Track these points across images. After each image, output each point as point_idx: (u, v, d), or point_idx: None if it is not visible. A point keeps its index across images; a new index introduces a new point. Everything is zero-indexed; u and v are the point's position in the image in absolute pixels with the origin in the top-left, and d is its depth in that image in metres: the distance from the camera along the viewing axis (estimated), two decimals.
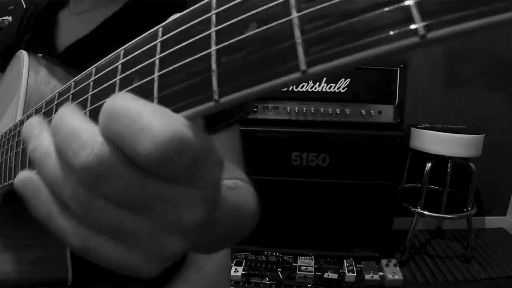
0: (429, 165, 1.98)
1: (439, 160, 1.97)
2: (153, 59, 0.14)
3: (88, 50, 0.52)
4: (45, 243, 0.42)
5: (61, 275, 0.42)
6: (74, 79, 0.22)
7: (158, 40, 0.14)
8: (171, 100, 0.14)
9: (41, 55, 0.45)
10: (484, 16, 0.10)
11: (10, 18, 2.14)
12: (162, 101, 0.14)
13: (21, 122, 0.32)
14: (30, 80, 0.39)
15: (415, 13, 0.11)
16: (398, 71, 1.90)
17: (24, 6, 2.10)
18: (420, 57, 2.28)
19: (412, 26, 0.11)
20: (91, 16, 0.55)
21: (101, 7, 0.55)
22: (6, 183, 0.35)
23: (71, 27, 0.57)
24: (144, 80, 0.14)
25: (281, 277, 1.75)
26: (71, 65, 0.44)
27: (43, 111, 0.26)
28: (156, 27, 0.15)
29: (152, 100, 0.14)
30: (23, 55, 0.41)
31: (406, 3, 0.11)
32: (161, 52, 0.14)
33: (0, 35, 0.69)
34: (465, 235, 2.23)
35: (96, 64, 0.19)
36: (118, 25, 0.52)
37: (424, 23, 0.11)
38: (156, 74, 0.14)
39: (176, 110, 0.14)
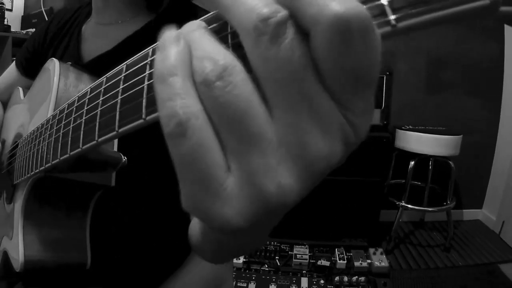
0: (412, 163, 1.99)
1: (422, 159, 1.98)
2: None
3: (110, 64, 0.51)
4: (67, 229, 0.43)
5: (80, 260, 0.42)
6: (105, 76, 0.23)
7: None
8: None
9: (70, 62, 0.45)
10: (440, 10, 0.12)
11: (33, 30, 2.15)
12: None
13: (53, 117, 0.33)
14: (60, 83, 0.40)
15: (388, 10, 0.13)
16: (384, 77, 1.92)
17: (47, 19, 2.11)
18: (404, 64, 2.29)
19: (386, 19, 0.13)
20: (114, 30, 0.54)
21: (123, 21, 0.54)
22: (37, 170, 0.36)
23: (95, 40, 0.56)
24: None
25: (279, 264, 1.76)
26: (95, 75, 0.45)
27: (75, 105, 0.27)
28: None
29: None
30: (55, 62, 0.42)
31: (380, 1, 0.13)
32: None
33: (26, 43, 0.69)
34: (445, 226, 2.24)
35: (126, 61, 0.20)
36: (140, 43, 0.51)
37: (394, 16, 0.13)
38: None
39: None
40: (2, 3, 2.07)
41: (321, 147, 0.14)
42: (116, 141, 0.41)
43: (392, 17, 0.13)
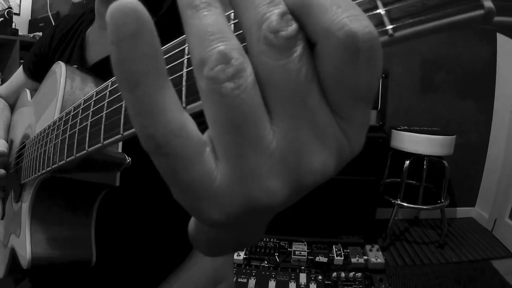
0: (407, 162, 1.99)
1: (416, 158, 1.98)
2: (182, 59, 0.15)
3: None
4: (73, 227, 0.43)
5: (85, 257, 0.43)
6: (111, 79, 0.23)
7: (186, 45, 0.16)
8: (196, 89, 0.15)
9: (76, 66, 0.45)
10: (435, 20, 0.12)
11: (40, 33, 2.15)
12: (189, 89, 0.15)
13: (60, 119, 0.33)
14: (67, 86, 0.40)
15: (386, 20, 0.12)
16: (380, 79, 1.91)
17: (53, 23, 2.11)
18: (399, 67, 2.29)
19: (384, 28, 0.13)
20: None
21: None
22: (44, 170, 0.36)
23: (99, 44, 0.57)
24: (175, 75, 0.16)
25: (278, 260, 1.76)
26: (100, 78, 0.45)
27: (81, 107, 0.27)
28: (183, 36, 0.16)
29: (180, 89, 0.15)
30: (61, 65, 0.42)
31: (378, 11, 0.13)
32: (188, 54, 0.15)
33: (33, 47, 0.70)
34: (439, 223, 2.24)
35: None
36: None
37: (392, 26, 0.13)
38: (185, 70, 0.15)
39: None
40: (10, 8, 2.07)
41: (316, 159, 0.14)
42: (120, 142, 0.41)
43: (389, 26, 0.13)
